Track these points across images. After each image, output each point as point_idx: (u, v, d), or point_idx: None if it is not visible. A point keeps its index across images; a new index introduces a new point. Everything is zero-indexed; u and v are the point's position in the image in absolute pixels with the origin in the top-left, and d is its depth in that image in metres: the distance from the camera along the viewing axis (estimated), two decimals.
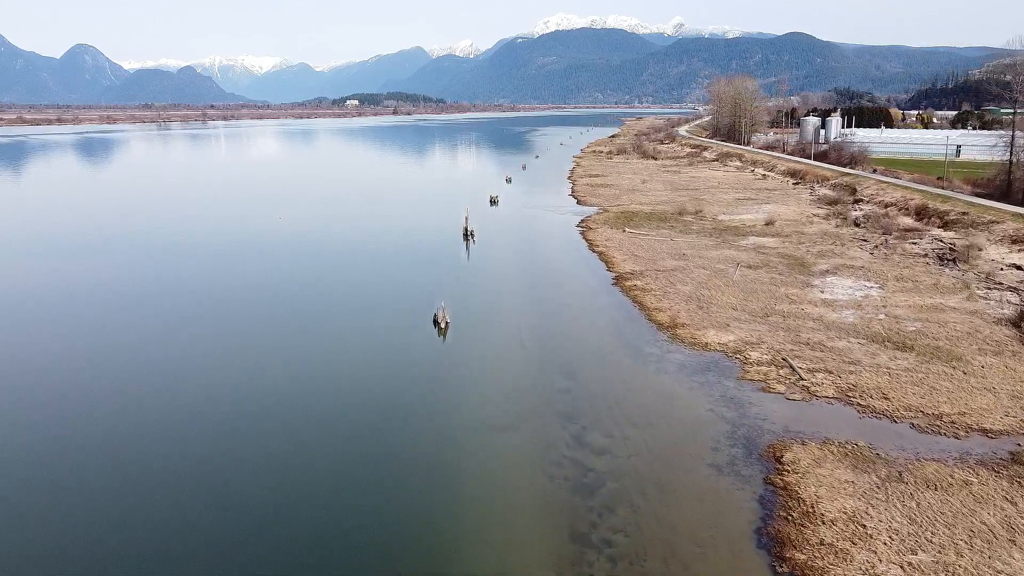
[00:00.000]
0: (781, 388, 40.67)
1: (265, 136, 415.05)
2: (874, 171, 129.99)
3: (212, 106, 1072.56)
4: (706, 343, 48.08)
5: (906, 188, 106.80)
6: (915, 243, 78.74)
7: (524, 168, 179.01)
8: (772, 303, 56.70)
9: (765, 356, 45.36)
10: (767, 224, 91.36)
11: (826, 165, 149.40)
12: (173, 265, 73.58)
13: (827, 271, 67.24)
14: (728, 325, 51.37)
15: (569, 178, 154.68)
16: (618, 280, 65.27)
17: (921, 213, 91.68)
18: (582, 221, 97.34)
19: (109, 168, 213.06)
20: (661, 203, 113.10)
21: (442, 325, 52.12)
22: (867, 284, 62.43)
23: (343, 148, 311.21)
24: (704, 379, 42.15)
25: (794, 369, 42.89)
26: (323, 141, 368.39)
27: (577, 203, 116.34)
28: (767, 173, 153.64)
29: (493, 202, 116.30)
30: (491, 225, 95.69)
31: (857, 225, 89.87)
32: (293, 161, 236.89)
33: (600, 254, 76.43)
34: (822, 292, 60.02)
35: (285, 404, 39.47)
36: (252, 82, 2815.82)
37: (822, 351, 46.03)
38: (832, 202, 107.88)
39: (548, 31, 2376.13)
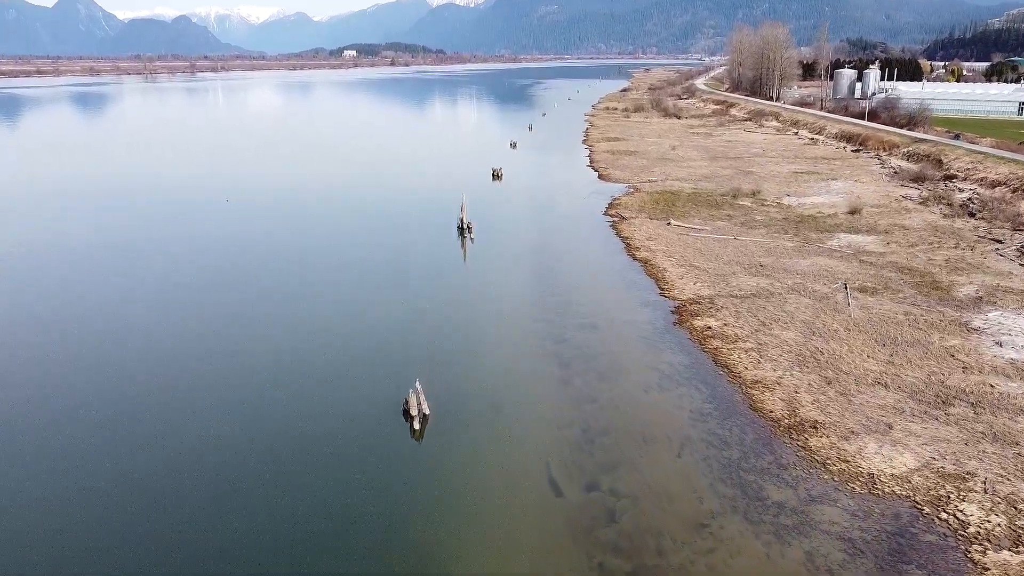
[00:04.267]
0: None
1: (251, 91, 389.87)
2: (956, 136, 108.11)
3: (205, 57, 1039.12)
4: (870, 474, 27.64)
5: (1013, 161, 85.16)
6: None
7: (530, 129, 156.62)
8: (935, 368, 36.15)
9: (996, 517, 24.92)
10: (851, 212, 70.32)
11: (882, 127, 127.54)
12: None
13: (979, 298, 46.46)
14: (890, 426, 30.81)
15: (584, 142, 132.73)
16: (681, 315, 44.56)
17: None
18: (610, 206, 76.14)
19: (53, 126, 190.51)
20: (703, 178, 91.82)
21: (416, 420, 31.69)
22: None
23: (331, 106, 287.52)
24: None
25: None
26: (312, 97, 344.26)
27: (599, 177, 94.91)
28: (815, 136, 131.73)
29: (496, 176, 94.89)
30: (494, 211, 74.67)
31: (972, 215, 68.71)
32: (274, 120, 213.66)
33: (644, 263, 55.56)
34: (999, 344, 39.31)
35: None
36: (249, 32, 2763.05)
37: None
38: (917, 178, 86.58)
39: None
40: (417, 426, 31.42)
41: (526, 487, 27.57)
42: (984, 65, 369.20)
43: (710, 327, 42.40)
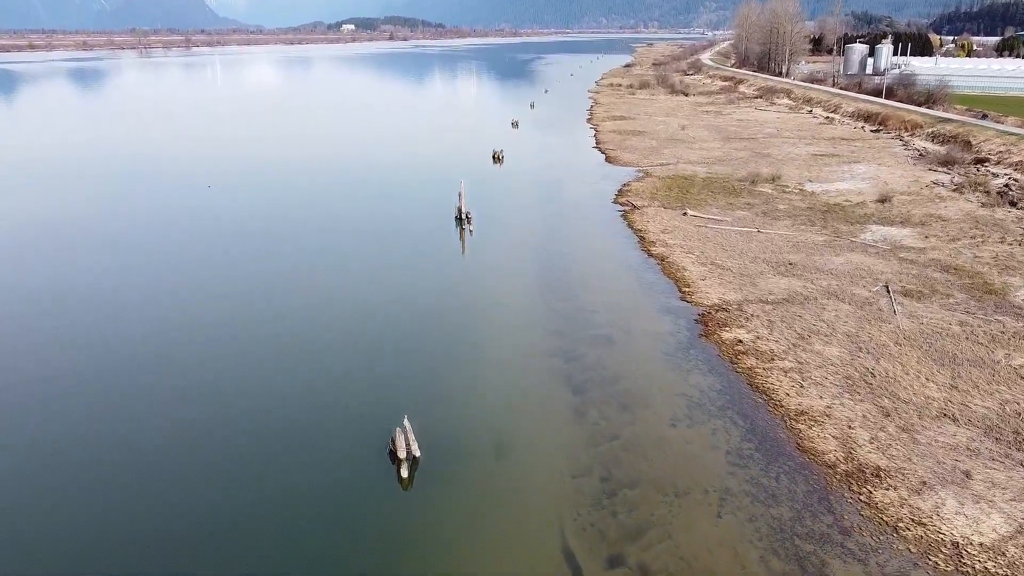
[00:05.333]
0: None
1: (244, 67, 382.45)
2: (983, 116, 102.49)
3: (202, 31, 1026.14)
4: (954, 543, 22.79)
5: None
6: None
7: (532, 107, 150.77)
8: (1008, 396, 31.25)
9: None
10: (881, 201, 65.13)
11: (901, 105, 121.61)
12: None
13: None
14: (968, 474, 25.93)
15: (589, 121, 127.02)
16: (707, 324, 39.54)
17: None
18: (620, 193, 70.88)
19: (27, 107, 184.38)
20: (717, 161, 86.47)
21: (403, 465, 26.75)
22: None
23: (326, 84, 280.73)
24: None
25: None
26: (307, 75, 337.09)
27: (606, 160, 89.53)
28: (830, 115, 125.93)
29: (496, 159, 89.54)
30: (494, 199, 69.58)
31: (1013, 204, 63.49)
32: (265, 100, 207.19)
33: (661, 260, 50.44)
34: None
35: None
36: (247, 5, 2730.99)
37: None
38: (945, 162, 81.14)
39: None
40: (405, 473, 26.50)
41: (537, 560, 22.67)
42: (994, 40, 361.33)
43: (741, 340, 37.37)
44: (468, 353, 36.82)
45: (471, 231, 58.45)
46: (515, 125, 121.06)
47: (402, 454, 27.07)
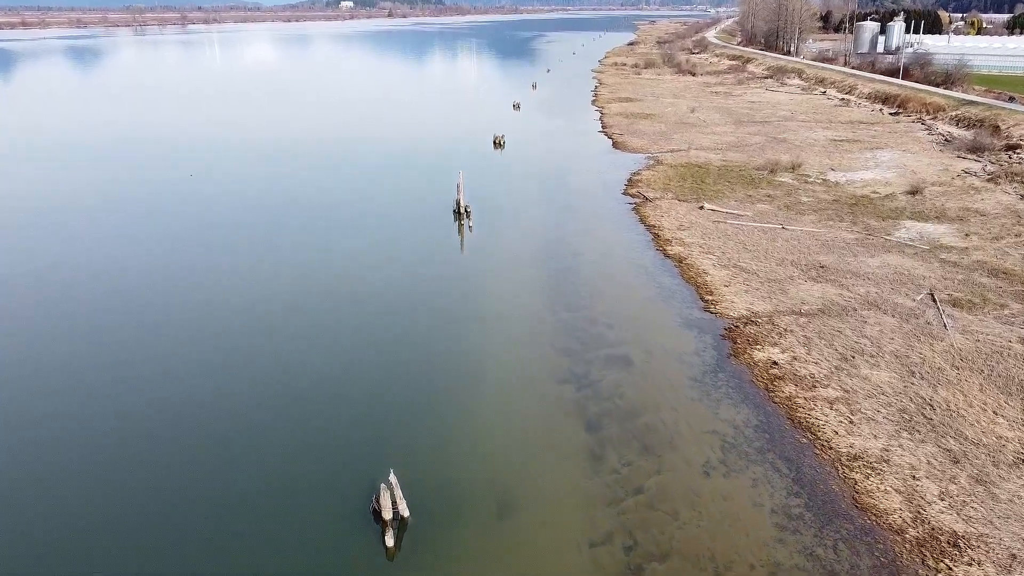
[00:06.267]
0: None
1: (240, 47, 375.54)
2: (1011, 99, 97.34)
3: (199, 8, 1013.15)
4: None
5: None
6: None
7: (534, 88, 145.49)
8: None
9: None
10: (911, 193, 60.55)
11: (920, 86, 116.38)
12: None
13: None
14: None
15: (594, 103, 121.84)
16: (735, 341, 35.10)
17: None
18: (630, 183, 66.19)
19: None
20: (731, 146, 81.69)
21: (389, 528, 22.46)
22: None
23: (323, 65, 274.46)
24: None
25: None
26: (304, 53, 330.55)
27: (613, 145, 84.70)
28: (846, 96, 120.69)
29: (497, 144, 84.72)
30: (495, 189, 64.99)
31: None
32: (261, 81, 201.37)
33: (679, 262, 45.91)
34: None
35: None
36: None
37: None
38: (974, 148, 76.29)
39: None
40: (391, 541, 22.20)
41: None
42: (1004, 17, 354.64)
43: (776, 362, 32.94)
44: (465, 381, 32.23)
45: (470, 227, 53.91)
46: (516, 107, 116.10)
47: (387, 515, 22.81)
